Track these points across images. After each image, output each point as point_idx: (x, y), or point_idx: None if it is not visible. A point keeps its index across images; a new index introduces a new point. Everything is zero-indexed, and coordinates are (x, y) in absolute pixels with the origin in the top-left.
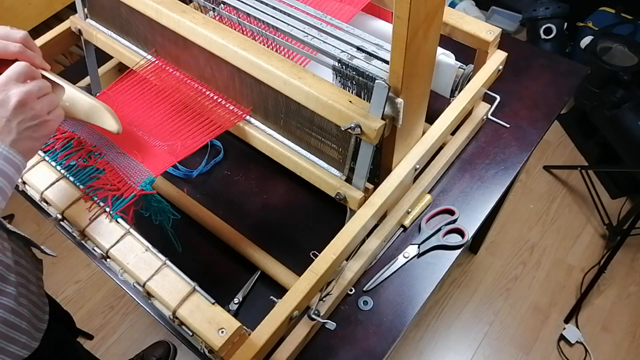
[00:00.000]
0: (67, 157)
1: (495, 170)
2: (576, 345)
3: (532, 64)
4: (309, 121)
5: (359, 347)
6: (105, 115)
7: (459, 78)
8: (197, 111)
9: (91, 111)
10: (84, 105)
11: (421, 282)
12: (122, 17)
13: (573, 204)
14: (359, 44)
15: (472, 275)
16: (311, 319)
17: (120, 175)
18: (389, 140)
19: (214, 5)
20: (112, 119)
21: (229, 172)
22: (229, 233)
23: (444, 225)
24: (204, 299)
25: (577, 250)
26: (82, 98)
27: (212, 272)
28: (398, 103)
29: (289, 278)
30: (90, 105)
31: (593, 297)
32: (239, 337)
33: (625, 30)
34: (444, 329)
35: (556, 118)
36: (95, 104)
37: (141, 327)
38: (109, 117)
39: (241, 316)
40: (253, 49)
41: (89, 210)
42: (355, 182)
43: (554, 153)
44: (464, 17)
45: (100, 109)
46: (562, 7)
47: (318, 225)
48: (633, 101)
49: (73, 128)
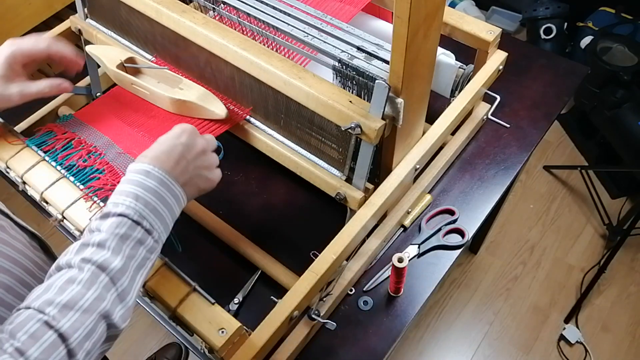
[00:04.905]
0: (67, 157)
1: (495, 170)
2: (576, 345)
3: (532, 64)
4: (309, 121)
5: (359, 347)
6: (216, 100)
7: (459, 78)
8: None
9: (204, 95)
10: (198, 90)
11: (421, 282)
12: (122, 17)
13: (573, 204)
14: (359, 44)
15: (472, 275)
16: (311, 319)
17: (120, 176)
18: (389, 140)
19: (214, 5)
20: (221, 103)
21: (229, 172)
22: (229, 233)
23: (444, 225)
24: (204, 299)
25: (577, 250)
26: (194, 84)
27: (212, 272)
28: (398, 103)
29: (289, 278)
30: (202, 90)
31: (593, 297)
32: (239, 337)
33: (625, 30)
34: (444, 329)
35: (556, 118)
36: (206, 90)
37: (141, 327)
38: (218, 102)
39: (241, 316)
40: (253, 49)
41: (89, 210)
42: (355, 182)
43: (554, 153)
44: (464, 17)
45: (211, 94)
46: (562, 7)
47: (318, 225)
48: (633, 101)
49: (73, 128)
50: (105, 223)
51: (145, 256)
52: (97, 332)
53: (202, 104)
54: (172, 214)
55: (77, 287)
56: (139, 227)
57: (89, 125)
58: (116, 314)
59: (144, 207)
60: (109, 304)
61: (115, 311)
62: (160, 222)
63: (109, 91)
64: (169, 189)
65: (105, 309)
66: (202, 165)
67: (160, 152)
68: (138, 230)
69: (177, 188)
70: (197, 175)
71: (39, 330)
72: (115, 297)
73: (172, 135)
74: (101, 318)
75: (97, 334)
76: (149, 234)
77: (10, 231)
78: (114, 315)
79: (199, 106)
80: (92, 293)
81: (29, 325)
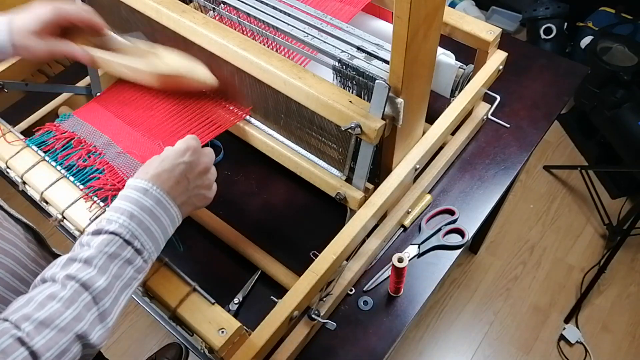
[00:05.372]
0: (67, 157)
1: (495, 170)
2: (576, 345)
3: (532, 64)
4: (309, 121)
5: (359, 347)
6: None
7: (459, 78)
8: (197, 111)
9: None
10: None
11: (421, 282)
12: (122, 17)
13: (573, 204)
14: (359, 44)
15: (472, 275)
16: (311, 319)
17: (120, 175)
18: (389, 140)
19: (214, 5)
20: (204, 68)
21: (229, 172)
22: (229, 233)
23: (444, 225)
24: (204, 299)
25: (577, 250)
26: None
27: (212, 272)
28: (398, 103)
29: (289, 278)
30: (181, 57)
31: (593, 297)
32: (239, 337)
33: (625, 30)
34: (444, 329)
35: (556, 118)
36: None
37: (141, 327)
38: (202, 67)
39: (241, 316)
40: (253, 48)
41: (89, 210)
42: (355, 182)
43: (554, 153)
44: (464, 17)
45: (192, 58)
46: (562, 7)
47: (318, 225)
48: (633, 101)
49: (73, 128)
50: (96, 239)
51: (133, 276)
52: (71, 352)
53: (187, 74)
54: (165, 235)
55: (57, 304)
56: (130, 247)
57: (88, 124)
58: (94, 334)
59: (137, 227)
60: (87, 325)
61: (93, 332)
62: (152, 242)
63: (108, 90)
64: (165, 210)
65: (82, 330)
66: (203, 184)
67: (162, 169)
68: (128, 250)
69: (173, 208)
70: (195, 195)
71: (11, 347)
72: (96, 317)
73: (175, 152)
74: (77, 338)
75: (71, 354)
76: (138, 254)
77: (3, 222)
78: (92, 335)
79: (184, 78)
80: (70, 312)
81: (2, 340)
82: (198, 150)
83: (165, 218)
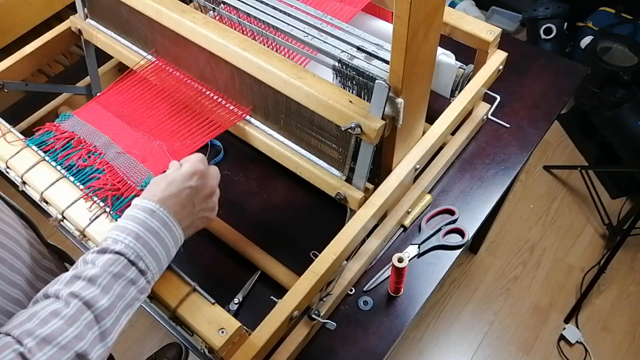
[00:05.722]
0: (67, 157)
1: (495, 170)
2: (576, 345)
3: (532, 64)
4: (309, 121)
5: (359, 347)
6: None
7: (459, 78)
8: (197, 111)
9: None
10: None
11: (421, 282)
12: (122, 17)
13: (573, 204)
14: (359, 44)
15: (472, 275)
16: (311, 319)
17: (120, 175)
18: (389, 140)
19: (214, 5)
20: None
21: (229, 172)
22: (229, 233)
23: (444, 225)
24: (204, 299)
25: (577, 250)
26: None
27: (212, 272)
28: (398, 103)
29: (289, 278)
30: None
31: (593, 297)
32: (239, 337)
33: (625, 30)
34: (444, 329)
35: (556, 118)
36: None
37: (141, 327)
38: None
39: (241, 316)
40: (253, 49)
41: (89, 210)
42: (355, 182)
43: (554, 153)
44: (464, 17)
45: None
46: (562, 7)
47: (318, 225)
48: (633, 101)
49: (73, 128)
50: (101, 258)
51: (135, 296)
52: None
53: None
54: (168, 256)
55: (60, 321)
56: (134, 268)
57: (88, 124)
58: (94, 353)
59: (142, 248)
60: (87, 344)
61: (93, 351)
62: (156, 263)
63: (108, 90)
64: (170, 232)
65: (82, 349)
66: (207, 207)
67: (169, 193)
68: (132, 271)
69: (178, 231)
70: (199, 217)
71: None
72: (97, 336)
73: (183, 176)
74: (76, 357)
75: None
76: (142, 274)
77: (1, 207)
78: (91, 354)
79: None
80: (72, 330)
81: (4, 355)
82: (205, 174)
83: (169, 240)
